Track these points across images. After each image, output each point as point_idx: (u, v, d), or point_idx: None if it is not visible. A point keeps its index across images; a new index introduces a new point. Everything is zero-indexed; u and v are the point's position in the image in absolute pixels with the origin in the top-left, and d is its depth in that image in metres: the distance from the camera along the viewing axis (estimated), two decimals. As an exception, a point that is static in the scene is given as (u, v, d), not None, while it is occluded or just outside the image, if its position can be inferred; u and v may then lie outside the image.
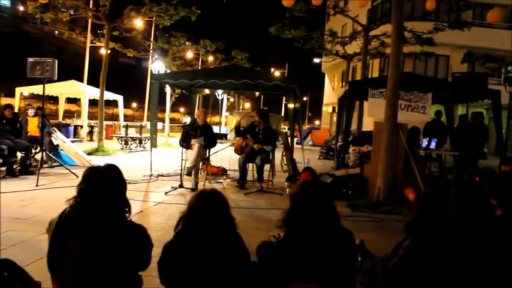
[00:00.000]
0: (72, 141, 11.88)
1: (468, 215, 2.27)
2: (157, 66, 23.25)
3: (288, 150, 9.81)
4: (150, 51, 24.85)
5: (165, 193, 7.59)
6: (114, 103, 21.29)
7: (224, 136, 11.67)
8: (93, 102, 19.07)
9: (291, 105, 10.44)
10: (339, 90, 26.78)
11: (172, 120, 29.89)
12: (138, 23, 18.00)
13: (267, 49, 63.67)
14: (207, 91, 15.95)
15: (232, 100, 43.21)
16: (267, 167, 8.67)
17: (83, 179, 2.46)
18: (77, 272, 2.33)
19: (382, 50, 17.37)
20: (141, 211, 6.29)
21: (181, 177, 8.10)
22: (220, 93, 26.63)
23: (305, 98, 60.57)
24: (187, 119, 20.14)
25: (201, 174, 8.58)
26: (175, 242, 2.43)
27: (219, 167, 10.25)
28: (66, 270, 2.35)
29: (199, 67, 29.20)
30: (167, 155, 13.74)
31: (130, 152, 15.58)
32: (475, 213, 2.28)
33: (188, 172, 8.00)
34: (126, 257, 2.40)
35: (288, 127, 16.04)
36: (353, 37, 17.49)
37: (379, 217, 6.52)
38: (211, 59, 27.56)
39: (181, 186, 7.87)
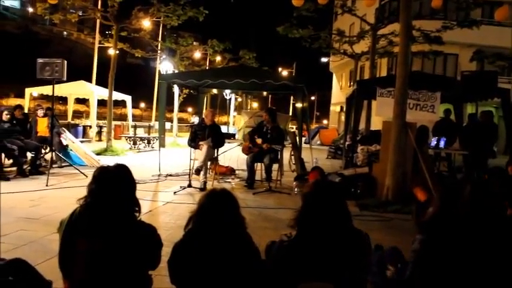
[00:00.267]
0: (81, 142, 11.97)
1: (482, 214, 2.25)
2: (165, 66, 23.39)
3: (296, 149, 9.81)
4: (158, 52, 24.92)
5: (174, 193, 7.61)
6: (122, 103, 21.36)
7: (232, 136, 11.66)
8: (101, 103, 19.15)
9: (299, 105, 10.44)
10: (347, 89, 26.75)
11: (180, 120, 29.96)
12: (146, 24, 18.06)
13: (275, 49, 63.81)
14: (215, 91, 16.04)
15: (240, 100, 43.33)
16: (275, 166, 8.66)
17: (93, 179, 2.47)
18: (87, 272, 2.34)
19: (390, 49, 17.31)
20: (150, 211, 6.31)
21: (189, 177, 8.11)
22: (228, 93, 26.79)
23: (313, 97, 60.56)
24: (195, 119, 20.16)
25: (210, 174, 8.59)
26: (185, 241, 2.44)
27: (228, 166, 10.26)
28: (76, 269, 2.36)
29: (207, 67, 29.28)
30: (175, 154, 13.77)
31: (139, 152, 15.64)
32: (490, 213, 2.26)
33: (197, 171, 8.01)
34: (136, 256, 2.41)
35: (296, 126, 16.05)
36: (361, 36, 17.45)
37: (388, 216, 6.48)
38: (219, 58, 27.63)
39: (189, 185, 7.88)
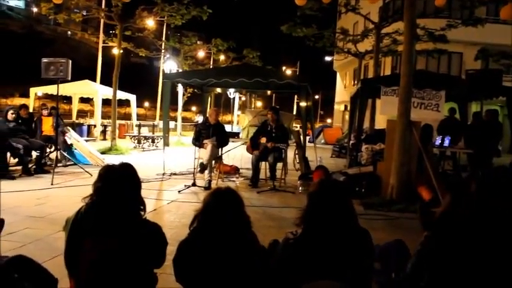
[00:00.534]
0: (85, 141, 11.99)
1: (489, 213, 2.24)
2: (169, 65, 23.44)
3: (301, 148, 9.80)
4: (162, 51, 24.96)
5: (178, 191, 7.63)
6: (126, 102, 21.41)
7: (236, 135, 11.67)
8: (106, 102, 19.19)
9: (303, 104, 10.41)
10: (351, 88, 26.67)
11: (184, 119, 30.02)
12: (150, 23, 18.12)
13: (279, 47, 63.78)
14: (219, 90, 16.02)
15: (244, 99, 43.31)
16: (279, 165, 8.66)
17: (99, 177, 2.48)
18: (93, 270, 2.35)
19: (394, 47, 17.28)
20: (155, 209, 6.32)
21: (194, 176, 8.14)
22: (232, 92, 26.79)
23: (317, 96, 60.41)
24: (199, 118, 20.25)
25: (214, 172, 8.61)
26: (190, 239, 2.45)
27: (232, 165, 10.27)
28: (82, 267, 2.37)
29: (210, 66, 29.25)
30: (180, 153, 13.79)
31: (143, 151, 15.69)
32: (496, 211, 2.25)
33: (201, 169, 8.02)
34: (142, 254, 2.41)
35: (300, 125, 16.02)
36: (365, 35, 17.43)
37: (393, 215, 6.48)
38: (222, 57, 27.66)
39: (194, 184, 7.90)
